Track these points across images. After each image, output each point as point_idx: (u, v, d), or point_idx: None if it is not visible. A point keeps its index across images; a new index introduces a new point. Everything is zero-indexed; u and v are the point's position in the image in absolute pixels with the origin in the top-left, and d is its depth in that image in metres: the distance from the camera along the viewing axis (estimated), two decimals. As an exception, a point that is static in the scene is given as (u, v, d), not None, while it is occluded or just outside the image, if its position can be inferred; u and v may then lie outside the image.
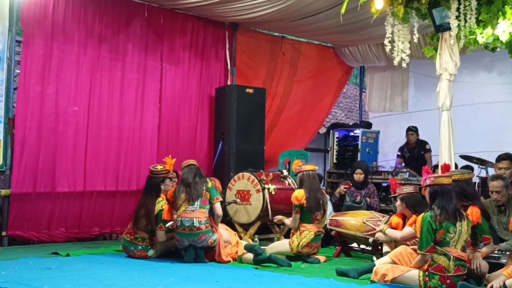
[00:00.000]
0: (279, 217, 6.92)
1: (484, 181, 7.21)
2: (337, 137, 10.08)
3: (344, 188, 7.92)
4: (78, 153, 7.58)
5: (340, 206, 7.93)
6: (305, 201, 6.42)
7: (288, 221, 6.68)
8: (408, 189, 6.01)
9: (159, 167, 6.54)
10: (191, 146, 8.77)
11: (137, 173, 8.01)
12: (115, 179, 7.90)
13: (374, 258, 6.15)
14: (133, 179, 8.02)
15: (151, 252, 6.31)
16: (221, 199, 6.55)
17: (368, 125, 10.59)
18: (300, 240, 6.40)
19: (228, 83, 9.14)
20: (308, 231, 6.43)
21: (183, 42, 8.69)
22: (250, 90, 8.82)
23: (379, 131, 10.23)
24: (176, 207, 6.31)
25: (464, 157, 7.99)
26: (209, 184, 6.45)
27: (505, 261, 5.22)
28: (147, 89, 8.27)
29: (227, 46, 9.23)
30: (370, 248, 6.75)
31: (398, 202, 6.02)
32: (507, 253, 5.39)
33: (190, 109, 8.78)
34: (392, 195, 6.29)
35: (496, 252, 5.52)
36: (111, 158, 7.88)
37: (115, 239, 8.01)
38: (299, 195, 6.45)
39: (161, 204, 6.31)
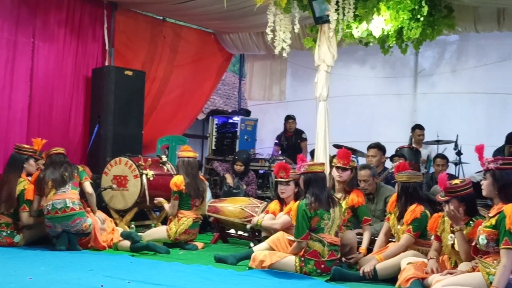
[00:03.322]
0: (160, 199, 6.81)
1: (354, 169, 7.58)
2: (216, 124, 10.10)
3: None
4: None
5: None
6: (184, 187, 6.37)
7: (167, 206, 6.60)
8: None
9: (26, 146, 6.35)
10: (64, 128, 8.38)
11: (4, 156, 7.44)
12: (-21, 161, 7.37)
13: (252, 244, 6.24)
14: (0, 162, 7.49)
15: (17, 238, 6.01)
16: (90, 180, 6.37)
17: (247, 112, 10.72)
18: (178, 227, 6.33)
19: (106, 64, 8.81)
20: (186, 218, 6.38)
21: (58, 18, 8.23)
22: (129, 72, 8.56)
23: (257, 119, 10.39)
24: (44, 193, 6.05)
25: (337, 146, 8.31)
26: (80, 169, 6.34)
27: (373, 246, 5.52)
28: (17, 67, 7.76)
29: (106, 25, 8.85)
30: (247, 234, 6.84)
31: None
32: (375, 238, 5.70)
33: (65, 90, 8.37)
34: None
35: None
36: (-25, 139, 7.33)
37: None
38: (178, 181, 6.39)
39: (23, 184, 6.08)
